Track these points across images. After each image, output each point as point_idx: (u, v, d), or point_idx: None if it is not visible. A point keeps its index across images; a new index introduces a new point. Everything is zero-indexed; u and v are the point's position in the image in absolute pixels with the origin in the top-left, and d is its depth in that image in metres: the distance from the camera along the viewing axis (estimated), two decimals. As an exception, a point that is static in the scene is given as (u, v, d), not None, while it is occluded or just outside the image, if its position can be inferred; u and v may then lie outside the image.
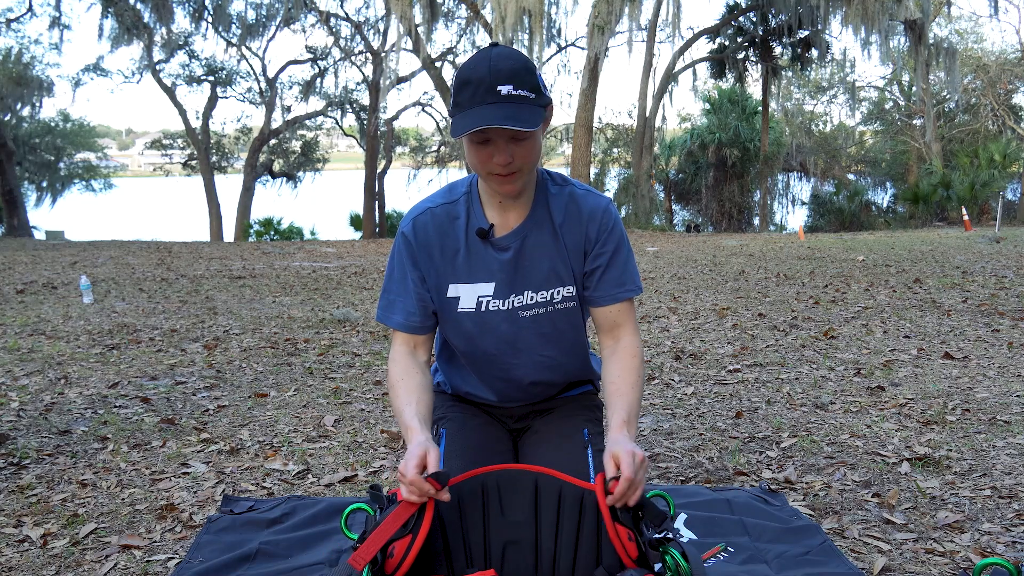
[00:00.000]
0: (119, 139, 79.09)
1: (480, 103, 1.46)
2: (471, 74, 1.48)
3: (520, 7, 14.68)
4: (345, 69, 37.04)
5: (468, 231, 1.66)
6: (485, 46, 1.56)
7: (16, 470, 2.44)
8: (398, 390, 1.65)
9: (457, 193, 1.69)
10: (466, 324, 1.71)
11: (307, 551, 1.89)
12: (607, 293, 1.68)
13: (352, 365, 3.98)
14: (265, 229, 24.06)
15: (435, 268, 1.68)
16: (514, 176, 1.54)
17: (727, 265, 8.74)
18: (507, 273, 1.66)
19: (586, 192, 1.69)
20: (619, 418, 1.56)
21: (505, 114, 1.44)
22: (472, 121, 1.45)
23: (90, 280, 6.81)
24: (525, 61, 1.51)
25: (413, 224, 1.68)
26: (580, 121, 16.90)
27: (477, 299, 1.68)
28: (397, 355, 1.72)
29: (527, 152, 1.52)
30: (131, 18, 17.87)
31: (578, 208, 1.66)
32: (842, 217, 21.81)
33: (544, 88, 1.53)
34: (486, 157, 1.51)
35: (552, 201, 1.67)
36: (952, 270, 7.36)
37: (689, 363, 3.90)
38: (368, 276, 8.48)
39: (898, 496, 2.16)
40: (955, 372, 3.54)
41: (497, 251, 1.65)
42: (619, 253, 1.68)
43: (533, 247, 1.66)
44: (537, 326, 1.71)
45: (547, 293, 1.69)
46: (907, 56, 19.25)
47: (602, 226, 1.67)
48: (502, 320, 1.69)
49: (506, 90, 1.46)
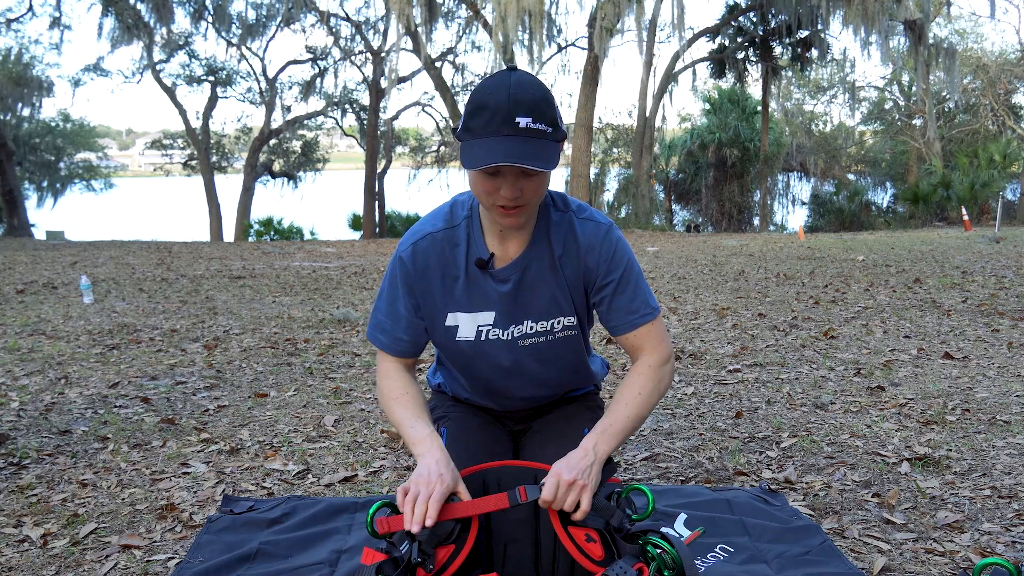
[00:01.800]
0: (119, 139, 79.05)
1: (495, 134, 1.39)
2: (488, 99, 1.40)
3: (520, 7, 14.68)
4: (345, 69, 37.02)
5: (468, 260, 1.61)
6: (503, 69, 1.47)
7: (16, 470, 2.44)
8: (403, 401, 1.64)
9: (458, 217, 1.63)
10: (464, 351, 1.69)
11: (307, 551, 1.89)
12: (623, 321, 1.64)
13: (352, 365, 3.98)
14: (265, 229, 24.04)
15: (433, 295, 1.64)
16: (520, 210, 1.48)
17: (727, 265, 8.74)
18: (506, 304, 1.63)
19: (584, 220, 1.63)
20: (592, 432, 1.57)
21: (523, 151, 1.38)
22: (487, 155, 1.38)
23: (90, 280, 6.81)
24: (545, 91, 1.44)
25: (413, 250, 1.62)
26: (580, 121, 16.90)
27: (477, 328, 1.65)
28: (391, 370, 1.70)
29: (536, 187, 1.46)
30: (131, 18, 17.87)
31: (576, 240, 1.61)
32: (842, 217, 21.80)
33: (560, 121, 1.46)
34: (493, 188, 1.45)
35: (553, 230, 1.61)
36: (952, 270, 7.36)
37: (689, 363, 3.90)
38: (368, 276, 8.47)
39: (898, 496, 2.16)
40: (955, 372, 3.54)
41: (496, 282, 1.62)
42: (626, 280, 1.62)
43: (533, 279, 1.62)
44: (537, 353, 1.70)
45: (547, 323, 1.66)
46: (907, 56, 19.25)
47: (602, 256, 1.61)
48: (501, 348, 1.67)
49: (525, 123, 1.39)
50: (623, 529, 1.46)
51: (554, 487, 1.43)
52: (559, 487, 1.43)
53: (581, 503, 1.44)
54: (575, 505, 1.44)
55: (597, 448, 1.52)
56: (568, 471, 1.45)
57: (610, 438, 1.55)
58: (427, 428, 1.58)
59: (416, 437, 1.55)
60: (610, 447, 1.55)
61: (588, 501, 1.44)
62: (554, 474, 1.45)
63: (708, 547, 1.88)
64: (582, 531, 1.47)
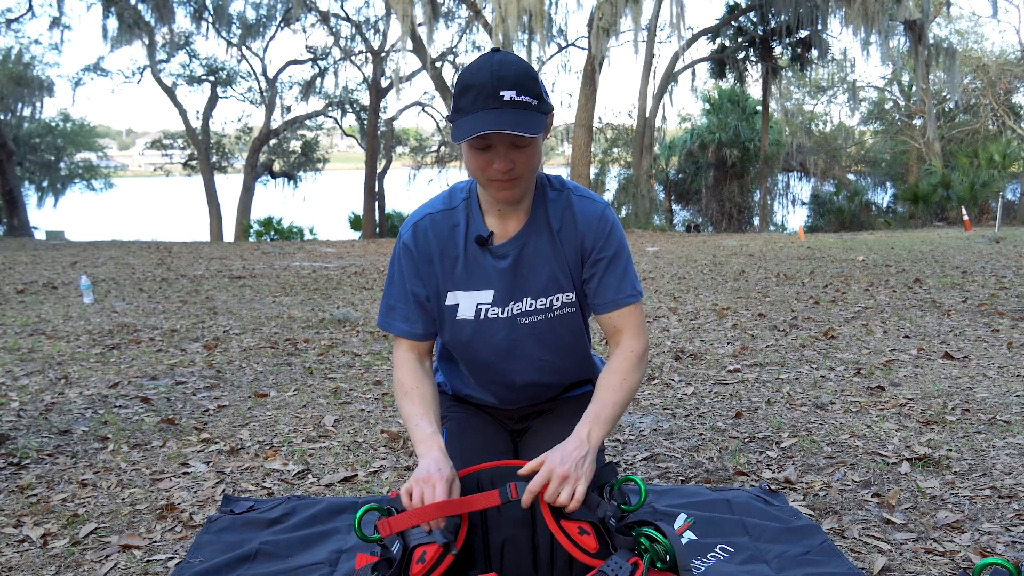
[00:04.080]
0: (119, 139, 79.03)
1: (482, 108, 1.44)
2: (473, 79, 1.46)
3: (521, 7, 14.68)
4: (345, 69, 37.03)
5: (467, 238, 1.64)
6: (487, 51, 1.55)
7: (16, 470, 2.44)
8: (413, 397, 1.64)
9: (457, 199, 1.67)
10: (465, 331, 1.70)
11: (307, 551, 1.89)
12: (607, 300, 1.67)
13: (352, 365, 3.98)
14: (265, 229, 24.04)
15: (435, 275, 1.67)
16: (513, 183, 1.52)
17: (727, 265, 8.74)
18: (506, 281, 1.65)
19: (582, 198, 1.67)
20: (584, 418, 1.57)
21: (507, 120, 1.43)
22: (473, 126, 1.44)
23: (90, 280, 6.81)
24: (528, 67, 1.50)
25: (413, 230, 1.66)
26: (580, 121, 16.91)
27: (476, 307, 1.67)
28: (405, 360, 1.71)
29: (527, 159, 1.51)
30: (132, 18, 17.87)
31: (573, 215, 1.65)
32: (842, 217, 21.80)
33: (546, 95, 1.52)
34: (486, 163, 1.50)
35: (550, 207, 1.65)
36: (952, 270, 7.36)
37: (689, 363, 3.90)
38: (368, 276, 8.48)
39: (898, 496, 2.16)
40: (955, 372, 3.54)
41: (495, 259, 1.64)
42: (617, 260, 1.66)
43: (532, 254, 1.65)
44: (536, 332, 1.70)
45: (546, 300, 1.67)
46: (907, 56, 19.26)
47: (598, 232, 1.65)
48: (501, 327, 1.68)
49: (509, 96, 1.44)
50: (615, 522, 1.46)
51: (545, 479, 1.43)
52: (551, 479, 1.43)
53: (576, 492, 1.43)
54: (569, 498, 1.44)
55: (591, 436, 1.52)
56: (561, 464, 1.45)
57: (602, 424, 1.56)
58: (431, 427, 1.58)
59: (419, 436, 1.56)
60: (603, 434, 1.55)
61: (583, 491, 1.44)
62: (547, 467, 1.45)
63: (708, 547, 1.88)
64: (575, 524, 1.47)
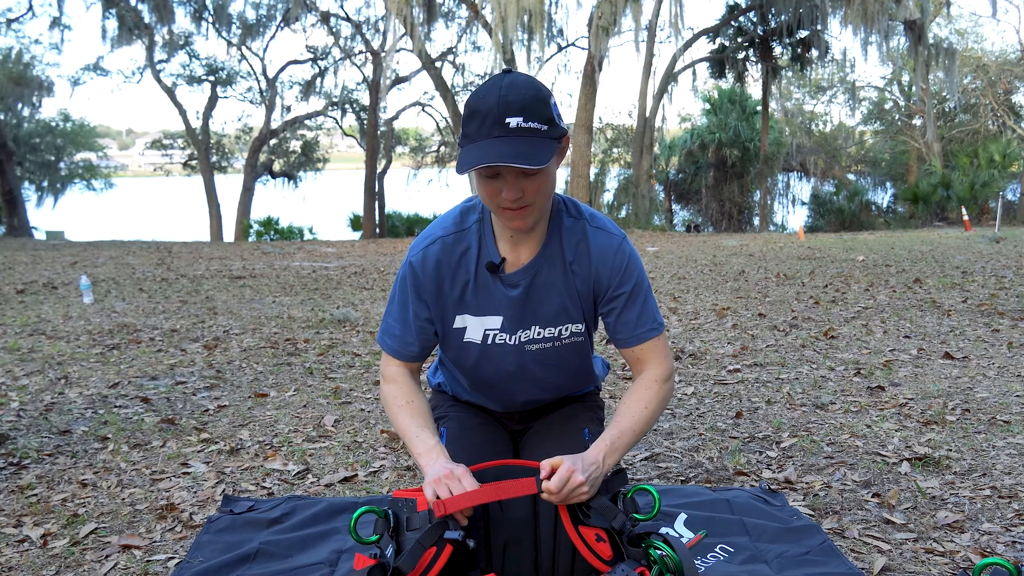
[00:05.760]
0: (119, 139, 78.97)
1: (487, 136, 1.40)
2: (480, 104, 1.42)
3: (521, 7, 14.68)
4: (345, 69, 37.02)
5: (479, 263, 1.61)
6: (498, 72, 1.49)
7: (16, 470, 2.44)
8: (408, 410, 1.65)
9: (469, 221, 1.63)
10: (471, 353, 1.70)
11: (307, 551, 1.89)
12: (630, 335, 1.65)
13: (352, 365, 3.98)
14: (265, 229, 24.02)
15: (442, 299, 1.64)
16: (524, 211, 1.48)
17: (727, 265, 8.74)
18: (515, 309, 1.63)
19: (597, 230, 1.63)
20: (601, 442, 1.57)
21: (513, 150, 1.38)
22: (477, 156, 1.39)
23: (90, 280, 6.81)
24: (538, 90, 1.44)
25: (423, 255, 1.62)
26: (580, 121, 16.89)
27: (484, 332, 1.66)
28: (396, 375, 1.71)
29: (538, 187, 1.46)
30: (132, 18, 17.87)
31: (588, 248, 1.61)
32: (842, 217, 21.80)
33: (559, 118, 1.46)
34: (495, 191, 1.45)
35: (565, 235, 1.61)
36: (952, 270, 7.36)
37: (689, 363, 3.90)
38: (368, 276, 8.47)
39: (898, 496, 2.16)
40: (955, 372, 3.54)
41: (507, 287, 1.61)
42: (636, 294, 1.63)
43: (543, 285, 1.62)
44: (543, 358, 1.70)
45: (555, 329, 1.66)
46: (907, 56, 19.25)
47: (614, 269, 1.62)
48: (508, 353, 1.68)
49: (515, 123, 1.39)
50: (626, 530, 1.47)
51: (564, 480, 1.43)
52: (569, 482, 1.43)
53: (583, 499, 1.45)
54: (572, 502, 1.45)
55: (607, 461, 1.53)
56: (583, 472, 1.45)
57: (617, 452, 1.57)
58: (433, 439, 1.59)
59: (422, 448, 1.56)
60: (615, 462, 1.57)
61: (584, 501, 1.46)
62: (567, 468, 1.44)
63: (708, 547, 1.88)
64: (592, 531, 1.47)
